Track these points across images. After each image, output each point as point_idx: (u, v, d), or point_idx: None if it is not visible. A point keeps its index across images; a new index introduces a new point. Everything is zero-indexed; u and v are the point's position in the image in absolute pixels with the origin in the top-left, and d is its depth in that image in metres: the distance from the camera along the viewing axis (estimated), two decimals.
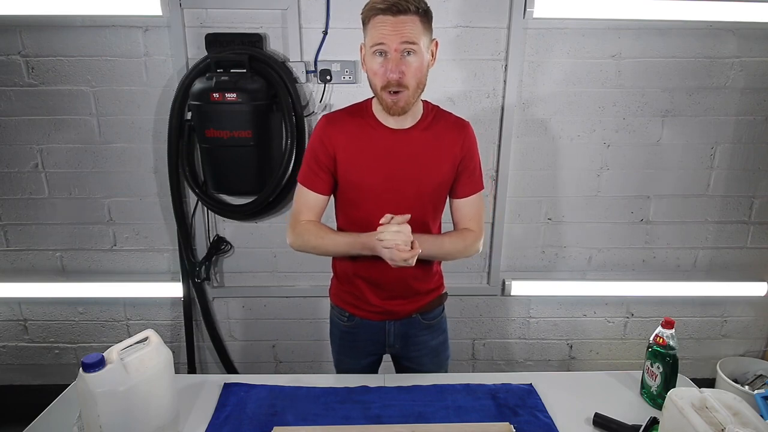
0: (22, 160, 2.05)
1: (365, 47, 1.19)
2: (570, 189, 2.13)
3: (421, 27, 1.13)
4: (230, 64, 1.84)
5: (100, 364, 0.96)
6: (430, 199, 1.31)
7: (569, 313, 2.31)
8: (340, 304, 1.45)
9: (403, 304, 1.39)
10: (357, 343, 1.46)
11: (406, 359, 1.47)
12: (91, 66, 1.95)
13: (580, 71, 1.99)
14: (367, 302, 1.38)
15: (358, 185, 1.28)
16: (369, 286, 1.37)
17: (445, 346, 1.50)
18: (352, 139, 1.27)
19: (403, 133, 1.26)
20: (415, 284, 1.37)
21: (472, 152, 1.32)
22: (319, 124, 1.30)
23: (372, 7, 1.13)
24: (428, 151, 1.27)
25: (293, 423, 1.17)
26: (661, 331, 1.24)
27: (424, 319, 1.43)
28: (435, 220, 1.37)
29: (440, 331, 1.48)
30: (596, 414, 1.18)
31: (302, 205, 1.32)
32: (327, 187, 1.31)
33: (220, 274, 2.22)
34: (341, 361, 1.51)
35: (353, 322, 1.43)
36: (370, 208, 1.27)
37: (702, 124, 2.06)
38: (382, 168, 1.26)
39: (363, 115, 1.29)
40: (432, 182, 1.28)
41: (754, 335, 2.37)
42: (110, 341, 2.28)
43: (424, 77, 1.19)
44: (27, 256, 2.18)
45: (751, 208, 2.17)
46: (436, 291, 1.45)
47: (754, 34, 1.96)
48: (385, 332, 1.42)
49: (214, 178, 1.96)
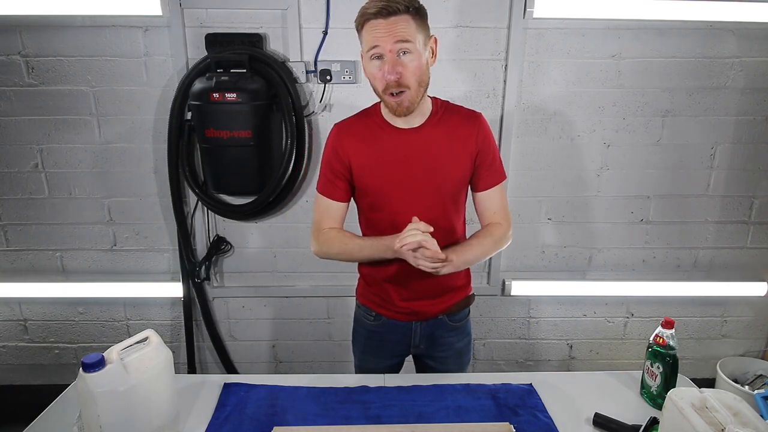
0: (22, 160, 2.05)
1: (363, 53, 1.18)
2: (570, 189, 2.13)
3: (415, 25, 1.13)
4: (230, 64, 1.85)
5: (100, 364, 0.96)
6: (450, 195, 1.30)
7: (569, 313, 2.31)
8: (367, 304, 1.45)
9: (429, 305, 1.39)
10: (383, 342, 1.45)
11: (431, 358, 1.47)
12: (91, 66, 1.95)
13: (580, 71, 1.99)
14: (393, 303, 1.38)
15: (376, 189, 1.28)
16: (395, 287, 1.36)
17: (468, 348, 1.50)
18: (364, 144, 1.27)
19: (414, 132, 1.26)
20: (440, 286, 1.37)
21: (488, 143, 1.30)
22: (331, 133, 1.31)
23: (363, 14, 1.13)
24: (443, 146, 1.26)
25: (293, 423, 1.17)
26: (661, 331, 1.23)
27: (451, 321, 1.43)
28: (458, 216, 1.35)
29: (465, 333, 1.47)
30: (596, 414, 1.18)
31: (323, 214, 1.33)
32: (345, 195, 1.32)
33: (220, 274, 2.22)
34: (365, 360, 1.50)
35: (380, 322, 1.43)
36: (390, 210, 1.28)
37: (702, 124, 2.06)
38: (397, 169, 1.25)
39: (372, 119, 1.29)
40: (450, 177, 1.28)
41: (754, 335, 2.37)
42: (110, 341, 2.28)
43: (424, 75, 1.18)
44: (27, 256, 2.18)
45: (751, 208, 2.17)
46: (463, 291, 1.43)
47: (754, 34, 1.96)
48: (412, 333, 1.42)
49: (214, 178, 1.97)
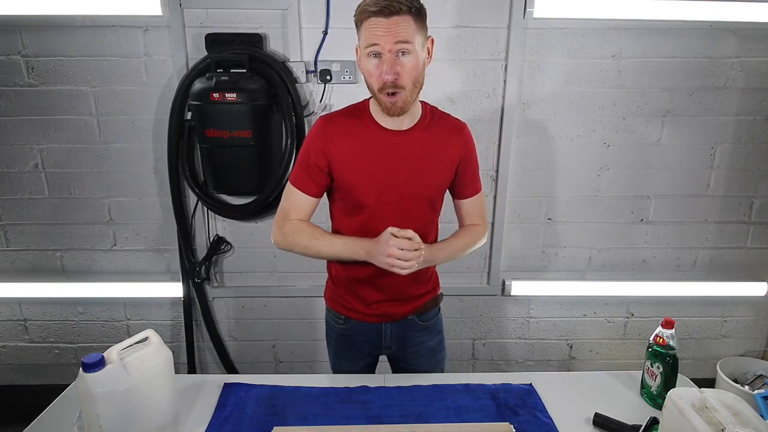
0: (22, 160, 2.05)
1: (360, 48, 1.17)
2: (570, 189, 2.13)
3: (415, 26, 1.12)
4: (230, 64, 1.84)
5: (100, 364, 0.96)
6: (429, 201, 1.30)
7: (569, 313, 2.31)
8: (335, 307, 1.44)
9: (398, 306, 1.39)
10: (353, 345, 1.45)
11: (403, 361, 1.47)
12: (91, 66, 1.95)
13: (580, 71, 1.99)
14: (362, 305, 1.38)
15: (354, 186, 1.26)
16: (364, 288, 1.36)
17: (441, 347, 1.50)
18: (349, 141, 1.25)
19: (402, 135, 1.25)
20: (411, 288, 1.38)
21: (471, 153, 1.34)
22: (315, 125, 1.28)
23: (364, 10, 1.11)
24: (427, 152, 1.26)
25: (293, 423, 1.17)
26: (661, 331, 1.24)
27: (420, 321, 1.43)
28: (433, 221, 1.37)
29: (436, 332, 1.48)
30: (596, 414, 1.18)
31: (291, 205, 1.29)
32: (317, 190, 1.28)
33: (220, 274, 2.22)
34: (338, 363, 1.51)
35: (349, 325, 1.43)
36: (369, 210, 1.27)
37: (702, 124, 2.06)
38: (380, 170, 1.25)
39: (360, 117, 1.27)
40: (431, 183, 1.28)
41: (754, 335, 2.37)
42: (110, 341, 2.28)
43: (420, 76, 1.18)
44: (27, 256, 2.18)
45: (751, 208, 2.17)
46: (432, 292, 1.44)
47: (754, 34, 1.96)
48: (382, 334, 1.42)
49: (214, 178, 1.97)
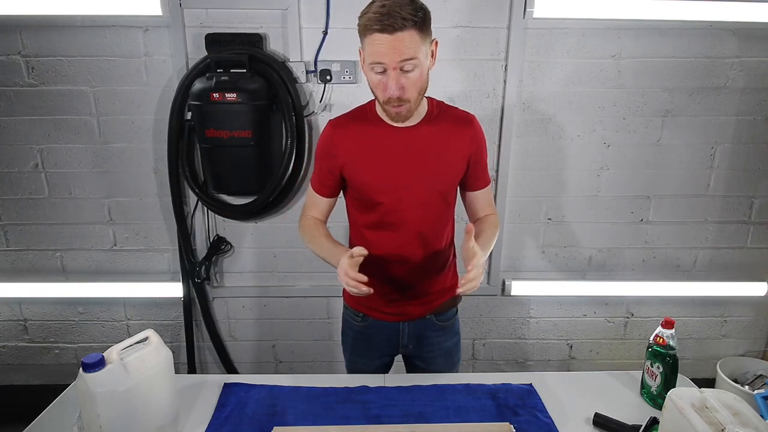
0: (22, 160, 2.05)
1: (364, 58, 1.15)
2: (570, 189, 2.13)
3: (419, 38, 1.10)
4: (230, 64, 1.84)
5: (100, 364, 0.96)
6: (442, 194, 1.30)
7: (569, 313, 2.31)
8: (354, 306, 1.45)
9: (417, 305, 1.39)
10: (371, 343, 1.46)
11: (419, 359, 1.47)
12: (91, 66, 1.95)
13: (580, 71, 1.99)
14: (381, 303, 1.38)
15: (368, 187, 1.28)
16: (383, 287, 1.36)
17: (457, 348, 1.50)
18: (358, 142, 1.27)
19: (409, 131, 1.26)
20: (430, 284, 1.38)
21: (482, 145, 1.34)
22: (324, 130, 1.32)
23: (366, 26, 1.08)
24: (437, 146, 1.26)
25: (293, 423, 1.17)
26: (661, 331, 1.24)
27: (438, 321, 1.43)
28: (448, 214, 1.37)
29: (453, 332, 1.48)
30: (596, 414, 1.18)
31: (310, 202, 1.40)
32: (330, 192, 1.36)
33: (220, 274, 2.21)
34: (354, 362, 1.51)
35: (367, 323, 1.43)
36: (383, 207, 1.28)
37: (702, 124, 2.06)
38: (390, 167, 1.26)
39: (367, 117, 1.29)
40: (442, 177, 1.29)
41: (754, 335, 2.37)
42: (110, 341, 2.28)
43: (425, 83, 1.18)
44: (27, 256, 2.18)
45: (751, 208, 2.17)
46: (451, 291, 1.43)
47: (754, 34, 1.96)
48: (399, 333, 1.43)
49: (214, 178, 1.96)
